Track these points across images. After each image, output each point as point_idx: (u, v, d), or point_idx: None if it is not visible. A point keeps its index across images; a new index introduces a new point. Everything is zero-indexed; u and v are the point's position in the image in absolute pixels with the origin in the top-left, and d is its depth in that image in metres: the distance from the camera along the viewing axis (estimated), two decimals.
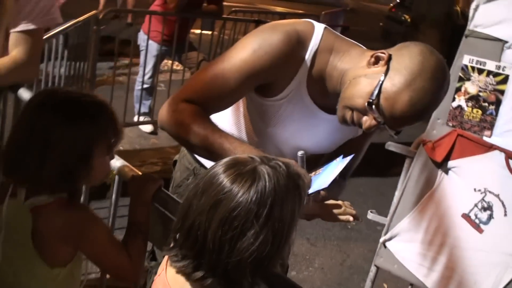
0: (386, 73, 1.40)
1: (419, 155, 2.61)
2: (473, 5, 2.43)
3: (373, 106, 1.39)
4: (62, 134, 1.25)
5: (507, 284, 2.48)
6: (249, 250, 1.03)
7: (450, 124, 2.52)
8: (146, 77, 4.86)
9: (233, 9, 6.45)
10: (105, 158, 1.34)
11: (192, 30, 5.14)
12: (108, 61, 4.64)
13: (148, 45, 4.70)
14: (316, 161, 1.71)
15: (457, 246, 2.57)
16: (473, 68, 2.45)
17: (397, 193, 2.69)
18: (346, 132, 1.63)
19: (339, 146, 1.72)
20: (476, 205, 2.52)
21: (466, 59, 2.46)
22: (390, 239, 2.71)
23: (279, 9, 14.10)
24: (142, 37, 4.80)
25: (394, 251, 2.71)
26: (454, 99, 2.51)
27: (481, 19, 2.41)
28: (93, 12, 3.90)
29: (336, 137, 1.67)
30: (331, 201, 1.53)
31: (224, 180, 1.06)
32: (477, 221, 2.52)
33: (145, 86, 4.87)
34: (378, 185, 4.94)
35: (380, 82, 1.39)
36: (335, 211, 1.53)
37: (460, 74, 2.48)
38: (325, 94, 1.53)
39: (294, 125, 1.59)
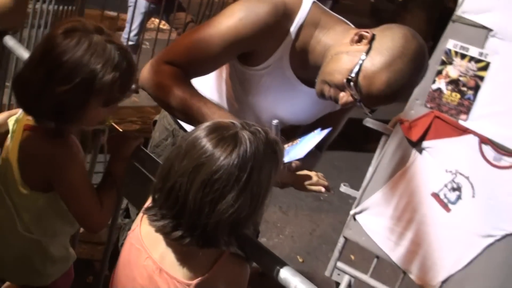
0: (367, 52, 1.43)
1: (395, 133, 2.66)
2: None
3: (351, 83, 1.43)
4: (70, 71, 1.25)
5: (470, 262, 2.59)
6: (228, 212, 1.08)
7: (428, 106, 2.58)
8: (132, 34, 4.81)
9: None
10: (100, 109, 1.35)
11: None
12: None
13: (137, 1, 4.64)
14: (293, 131, 1.75)
15: (424, 223, 2.65)
16: (456, 52, 2.50)
17: (370, 169, 2.75)
18: (324, 106, 1.67)
19: (317, 119, 1.76)
20: (446, 185, 2.60)
21: (451, 44, 2.51)
22: (360, 212, 2.79)
23: None
24: None
25: (363, 224, 2.79)
26: (434, 82, 2.56)
27: (470, 6, 2.45)
28: None
29: (314, 110, 1.70)
30: (305, 172, 1.58)
31: (207, 143, 1.10)
32: (445, 200, 2.60)
33: (130, 43, 4.82)
34: (353, 159, 5.02)
35: (361, 61, 1.42)
36: (308, 181, 1.58)
37: (443, 58, 2.52)
38: (306, 67, 1.56)
39: (273, 95, 1.62)
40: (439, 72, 2.54)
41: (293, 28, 1.53)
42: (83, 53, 1.25)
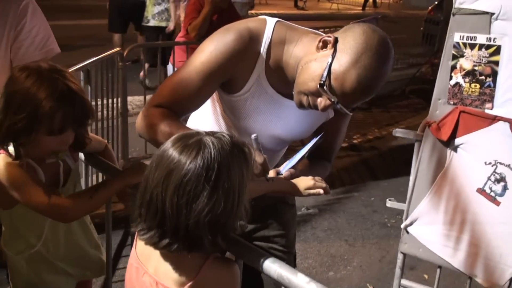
0: (333, 55, 1.48)
1: (426, 137, 2.64)
2: None
3: (325, 87, 1.48)
4: (20, 102, 1.45)
5: None
6: (204, 210, 1.15)
7: (452, 102, 2.55)
8: None
9: None
10: (46, 137, 1.49)
11: None
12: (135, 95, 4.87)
13: None
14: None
15: (477, 222, 2.57)
16: (464, 44, 2.49)
17: (411, 178, 2.72)
18: (317, 116, 1.71)
19: (316, 130, 1.80)
20: (489, 178, 2.53)
21: (457, 36, 2.51)
22: (411, 223, 2.74)
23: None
24: (170, 69, 5.04)
25: (417, 235, 2.73)
26: (451, 78, 2.55)
27: None
28: (117, 49, 4.15)
29: (307, 122, 1.75)
30: (301, 178, 1.61)
31: (173, 152, 1.20)
32: (492, 194, 2.52)
33: None
34: (393, 173, 5.03)
35: (329, 64, 1.48)
36: (306, 186, 1.61)
37: (453, 52, 2.52)
38: (286, 82, 1.63)
39: (262, 116, 1.70)
40: (453, 67, 2.53)
41: (263, 49, 1.61)
42: (31, 85, 1.44)
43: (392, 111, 7.42)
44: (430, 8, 14.04)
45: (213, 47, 1.60)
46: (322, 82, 1.47)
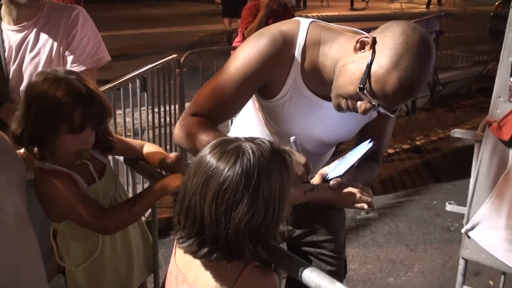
0: (372, 57, 1.43)
1: (486, 137, 2.53)
2: None
3: (365, 91, 1.42)
4: (40, 103, 1.49)
5: None
6: (244, 219, 1.11)
7: None
8: None
9: None
10: (67, 136, 1.51)
11: None
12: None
13: None
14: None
15: None
16: None
17: (471, 180, 2.61)
18: (359, 117, 1.65)
19: (360, 132, 1.75)
20: None
21: None
22: (472, 228, 2.63)
23: None
24: None
25: (479, 240, 2.62)
26: (511, 74, 2.43)
27: None
28: (174, 55, 4.20)
29: (349, 123, 1.70)
30: (349, 189, 1.56)
31: (211, 159, 1.16)
32: None
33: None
34: (455, 175, 4.86)
35: (368, 66, 1.43)
36: (352, 198, 1.56)
37: None
38: (324, 84, 1.59)
39: (302, 120, 1.66)
40: None
41: (297, 51, 1.58)
42: (49, 87, 1.48)
43: (457, 111, 7.16)
44: (497, 3, 13.55)
45: (247, 53, 1.58)
46: (361, 85, 1.43)
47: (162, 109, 4.04)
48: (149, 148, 1.83)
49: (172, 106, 4.28)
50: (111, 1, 17.26)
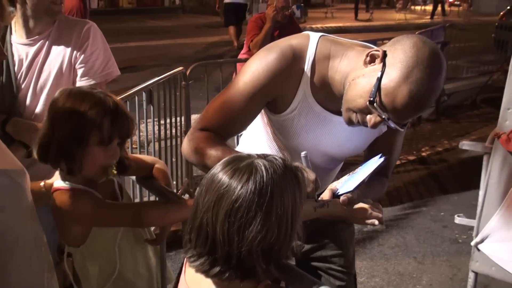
0: (382, 70, 1.42)
1: (495, 149, 2.51)
2: None
3: (375, 104, 1.41)
4: (67, 117, 1.48)
5: None
6: (257, 238, 1.09)
7: None
8: None
9: None
10: (95, 149, 1.50)
11: None
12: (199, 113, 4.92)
13: None
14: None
15: None
16: None
17: (480, 192, 2.59)
18: (369, 131, 1.63)
19: (370, 145, 1.74)
20: None
21: None
22: (482, 241, 2.60)
23: None
24: None
25: (489, 253, 2.59)
26: None
27: None
28: (180, 68, 4.20)
29: (359, 138, 1.69)
30: (359, 205, 1.55)
31: (223, 176, 1.14)
32: None
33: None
34: (463, 187, 4.81)
35: (378, 80, 1.42)
36: (362, 214, 1.55)
37: None
38: (334, 98, 1.58)
39: (312, 134, 1.65)
40: None
41: (307, 66, 1.57)
42: (74, 100, 1.48)
43: (463, 121, 7.14)
44: (502, 13, 13.58)
45: (256, 67, 1.58)
46: (371, 99, 1.42)
47: (168, 121, 4.03)
48: (156, 172, 1.82)
49: (178, 118, 4.27)
50: (116, 13, 17.33)
